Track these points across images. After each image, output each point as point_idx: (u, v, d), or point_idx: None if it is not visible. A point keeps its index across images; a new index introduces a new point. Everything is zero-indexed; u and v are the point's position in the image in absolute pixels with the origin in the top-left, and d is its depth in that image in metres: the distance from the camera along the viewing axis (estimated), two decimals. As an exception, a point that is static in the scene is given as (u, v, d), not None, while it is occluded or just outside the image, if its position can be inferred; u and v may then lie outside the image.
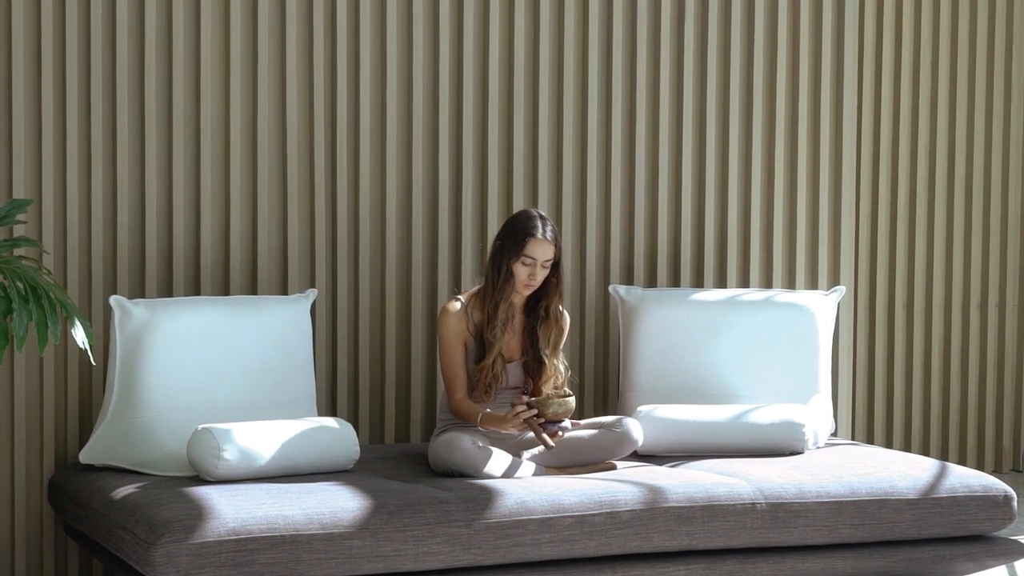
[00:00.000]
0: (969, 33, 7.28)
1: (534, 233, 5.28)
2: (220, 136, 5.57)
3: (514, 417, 5.13)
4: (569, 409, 5.13)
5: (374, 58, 5.75)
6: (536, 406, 5.12)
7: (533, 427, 5.12)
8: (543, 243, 5.29)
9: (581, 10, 5.99)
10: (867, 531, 5.16)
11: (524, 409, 5.13)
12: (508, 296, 5.30)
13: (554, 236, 5.31)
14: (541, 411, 5.12)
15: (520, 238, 5.29)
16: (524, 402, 5.15)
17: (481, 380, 5.28)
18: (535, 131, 5.96)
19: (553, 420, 5.12)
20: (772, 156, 6.25)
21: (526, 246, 5.28)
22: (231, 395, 5.25)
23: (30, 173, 5.35)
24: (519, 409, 5.13)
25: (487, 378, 5.27)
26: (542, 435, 5.11)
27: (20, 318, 4.50)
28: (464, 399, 5.28)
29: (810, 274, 6.30)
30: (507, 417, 5.15)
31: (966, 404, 7.37)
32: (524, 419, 5.12)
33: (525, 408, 5.13)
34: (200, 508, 4.53)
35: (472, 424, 5.24)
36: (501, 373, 5.30)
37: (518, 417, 5.12)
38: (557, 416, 5.12)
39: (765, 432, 5.56)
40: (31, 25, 5.33)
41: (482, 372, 5.27)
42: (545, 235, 5.29)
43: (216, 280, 5.58)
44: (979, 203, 7.34)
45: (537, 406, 5.12)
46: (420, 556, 4.66)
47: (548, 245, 5.29)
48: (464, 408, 5.26)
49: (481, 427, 5.22)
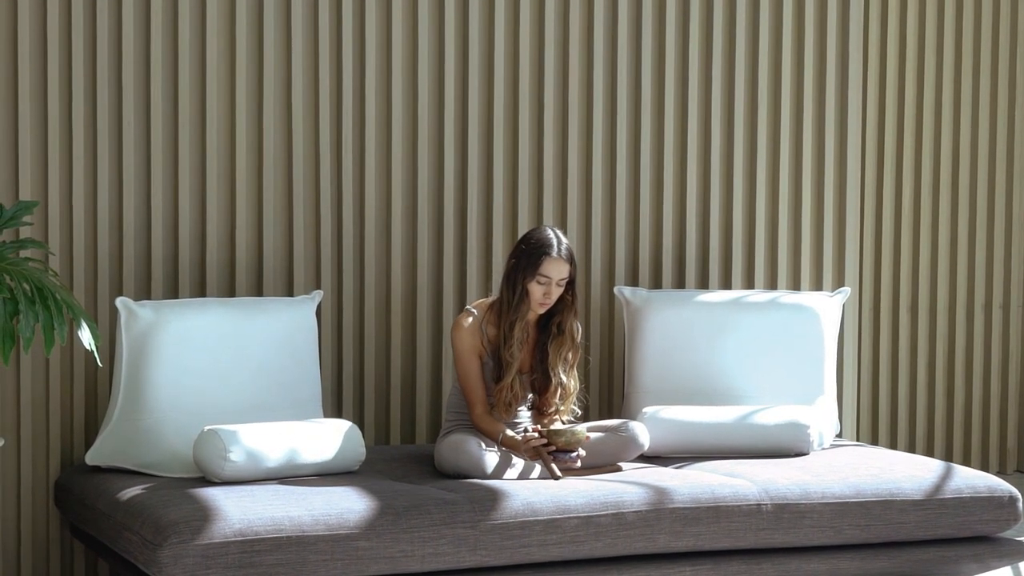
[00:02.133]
0: (973, 34, 7.28)
1: (549, 252, 5.27)
2: (226, 138, 5.58)
3: (525, 443, 5.14)
4: (580, 440, 5.11)
5: (379, 61, 5.75)
6: (547, 436, 5.12)
7: (542, 456, 5.11)
8: (558, 262, 5.27)
9: (586, 13, 5.99)
10: (872, 532, 5.16)
11: (536, 437, 5.13)
12: (524, 315, 5.29)
13: (569, 254, 5.29)
14: (552, 440, 5.11)
15: (535, 257, 5.27)
16: (535, 430, 5.15)
17: (500, 400, 5.27)
18: (540, 132, 5.96)
19: (564, 449, 5.11)
20: (777, 157, 6.25)
21: (541, 265, 5.26)
22: (237, 396, 5.25)
23: (36, 175, 5.35)
24: (529, 436, 5.14)
25: (507, 397, 5.27)
26: (550, 464, 5.10)
27: (27, 319, 4.51)
28: (485, 415, 5.26)
29: (815, 275, 6.31)
30: (521, 445, 5.15)
31: (971, 405, 7.36)
32: (534, 447, 5.12)
33: (536, 436, 5.13)
34: (206, 509, 4.53)
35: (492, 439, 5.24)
36: (520, 391, 5.29)
37: (530, 445, 5.13)
38: (569, 446, 5.11)
39: (770, 433, 5.57)
40: (37, 27, 5.34)
41: (501, 393, 5.26)
42: (560, 254, 5.27)
43: (222, 282, 5.58)
44: (983, 204, 7.33)
45: (548, 436, 5.12)
46: (426, 557, 4.66)
47: (563, 264, 5.28)
48: (486, 426, 5.25)
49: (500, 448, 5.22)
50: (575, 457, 5.12)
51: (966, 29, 7.27)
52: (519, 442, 5.15)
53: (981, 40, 7.30)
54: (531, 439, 5.12)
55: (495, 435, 5.21)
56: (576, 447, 5.11)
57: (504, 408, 5.26)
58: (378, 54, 5.75)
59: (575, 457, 5.12)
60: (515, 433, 5.21)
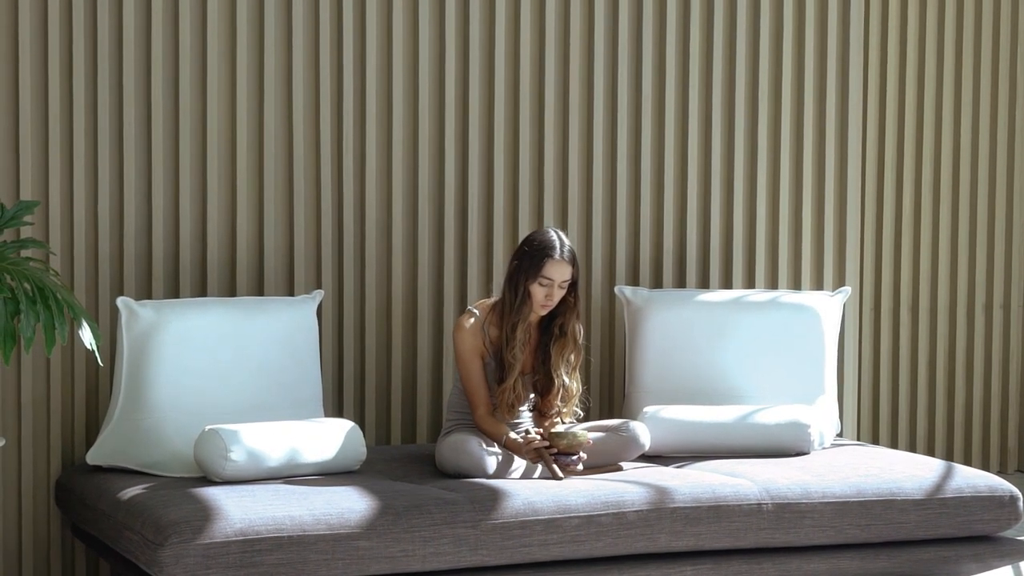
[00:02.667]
0: (974, 34, 7.28)
1: (552, 254, 5.26)
2: (227, 138, 5.58)
3: (527, 445, 5.14)
4: (581, 443, 5.12)
5: (380, 61, 5.76)
6: (548, 438, 5.12)
7: (544, 458, 5.11)
8: (561, 264, 5.27)
9: (586, 13, 6.00)
10: (873, 532, 5.17)
11: (537, 439, 5.13)
12: (526, 316, 5.28)
13: (572, 256, 5.29)
14: (553, 443, 5.12)
15: (538, 259, 5.27)
16: (537, 433, 5.16)
17: (503, 401, 5.27)
18: (541, 132, 5.96)
19: (566, 452, 5.12)
20: (778, 157, 6.25)
21: (544, 267, 5.26)
22: (238, 396, 5.26)
23: (37, 175, 5.36)
24: (531, 438, 5.14)
25: (509, 399, 5.27)
26: (552, 466, 5.10)
27: (27, 319, 4.51)
28: (487, 416, 5.26)
29: (816, 275, 6.31)
30: (523, 447, 5.16)
31: (971, 405, 7.37)
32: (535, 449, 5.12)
33: (538, 439, 5.13)
34: (207, 509, 4.54)
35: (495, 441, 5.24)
36: (523, 392, 5.30)
37: (531, 446, 5.13)
38: (570, 448, 5.11)
39: (771, 433, 5.57)
40: (38, 27, 5.34)
41: (503, 394, 5.27)
42: (563, 256, 5.27)
43: (223, 281, 5.58)
44: (984, 204, 7.33)
45: (549, 438, 5.12)
46: (427, 557, 4.67)
47: (566, 266, 5.28)
48: (489, 427, 5.25)
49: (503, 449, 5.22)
50: (576, 460, 5.12)
51: (967, 28, 7.27)
52: (521, 444, 5.15)
53: (982, 40, 7.29)
54: (532, 440, 5.12)
55: (498, 437, 5.21)
56: (577, 450, 5.11)
57: (506, 409, 5.26)
58: (379, 53, 5.76)
59: (576, 460, 5.12)
60: (517, 435, 5.21)
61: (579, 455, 5.13)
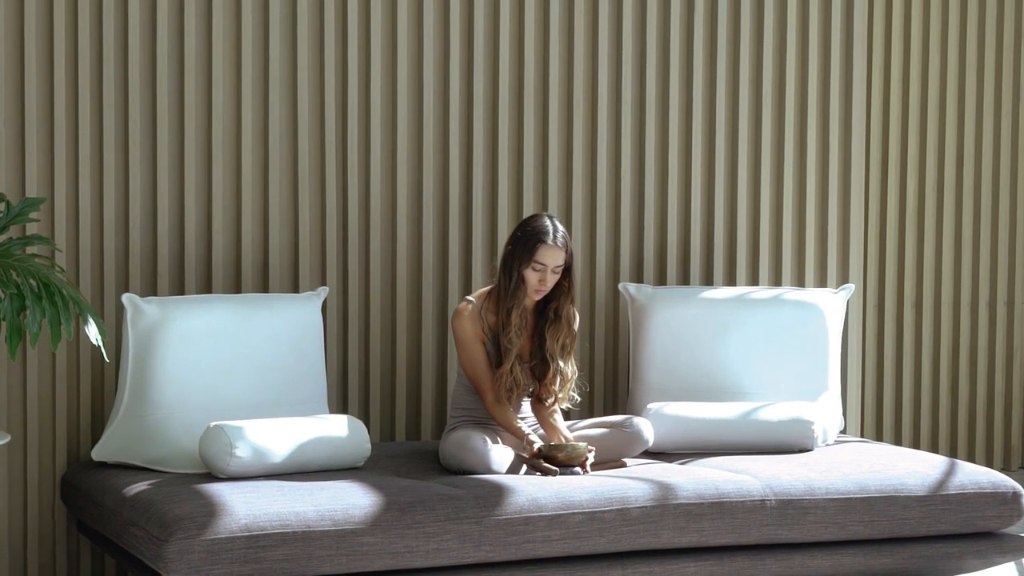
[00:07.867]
0: (978, 32, 7.29)
1: (544, 239, 5.28)
2: (232, 135, 5.59)
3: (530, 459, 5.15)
4: (580, 455, 5.12)
5: (385, 56, 5.76)
6: (546, 451, 5.12)
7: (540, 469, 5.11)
8: (553, 249, 5.28)
9: (591, 8, 6.00)
10: (876, 528, 5.17)
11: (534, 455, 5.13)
12: (520, 301, 5.30)
13: (565, 242, 5.30)
14: (551, 457, 5.12)
15: (531, 244, 5.28)
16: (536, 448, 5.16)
17: (501, 386, 5.28)
18: (545, 128, 5.97)
19: (566, 464, 5.11)
20: (781, 154, 6.26)
21: (536, 252, 5.27)
22: (243, 393, 5.27)
23: (43, 172, 5.37)
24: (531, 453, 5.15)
25: (507, 383, 5.28)
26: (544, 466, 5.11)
27: (33, 315, 4.53)
28: (496, 403, 5.28)
29: (819, 272, 6.31)
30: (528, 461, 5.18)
31: (975, 401, 7.37)
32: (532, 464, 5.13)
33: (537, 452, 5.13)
34: (212, 505, 4.55)
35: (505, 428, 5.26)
36: (521, 377, 5.30)
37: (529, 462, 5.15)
38: (569, 460, 5.11)
39: (774, 429, 5.57)
40: (43, 25, 5.35)
41: (501, 378, 5.28)
42: (556, 241, 5.28)
43: (228, 278, 5.59)
44: (987, 201, 7.34)
45: (548, 451, 5.12)
46: (431, 553, 4.68)
47: (559, 251, 5.29)
48: (499, 414, 5.26)
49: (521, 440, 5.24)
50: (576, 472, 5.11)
51: (970, 23, 7.27)
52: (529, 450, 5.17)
53: (985, 35, 7.30)
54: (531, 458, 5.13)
55: (509, 424, 5.23)
56: (576, 462, 5.11)
57: (505, 396, 5.28)
58: (383, 49, 5.76)
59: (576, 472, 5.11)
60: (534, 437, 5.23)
61: (582, 463, 5.13)
